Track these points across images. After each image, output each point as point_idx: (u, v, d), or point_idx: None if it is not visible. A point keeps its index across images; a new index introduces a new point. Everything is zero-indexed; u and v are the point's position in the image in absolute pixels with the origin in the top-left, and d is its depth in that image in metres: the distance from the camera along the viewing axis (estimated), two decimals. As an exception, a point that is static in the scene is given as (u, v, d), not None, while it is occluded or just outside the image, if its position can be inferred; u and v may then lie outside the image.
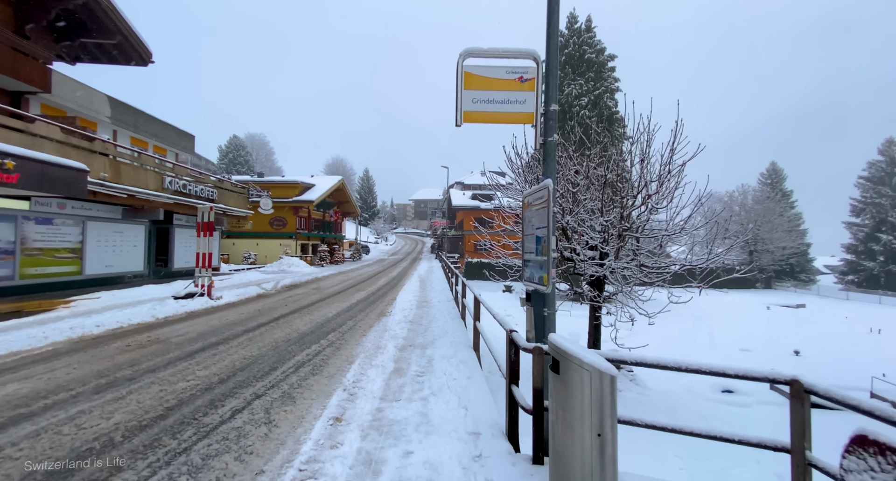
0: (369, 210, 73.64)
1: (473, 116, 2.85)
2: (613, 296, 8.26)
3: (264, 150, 74.94)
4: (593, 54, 25.52)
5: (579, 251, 7.90)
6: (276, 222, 27.60)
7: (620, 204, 7.10)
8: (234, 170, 55.87)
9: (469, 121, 2.84)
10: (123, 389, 4.26)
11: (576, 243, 7.76)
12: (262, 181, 28.38)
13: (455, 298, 10.16)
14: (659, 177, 6.83)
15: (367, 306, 9.89)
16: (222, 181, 17.70)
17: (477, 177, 59.67)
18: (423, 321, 7.74)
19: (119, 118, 14.13)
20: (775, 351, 13.15)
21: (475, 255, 35.35)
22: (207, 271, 10.88)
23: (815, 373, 10.20)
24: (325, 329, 7.15)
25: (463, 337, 6.37)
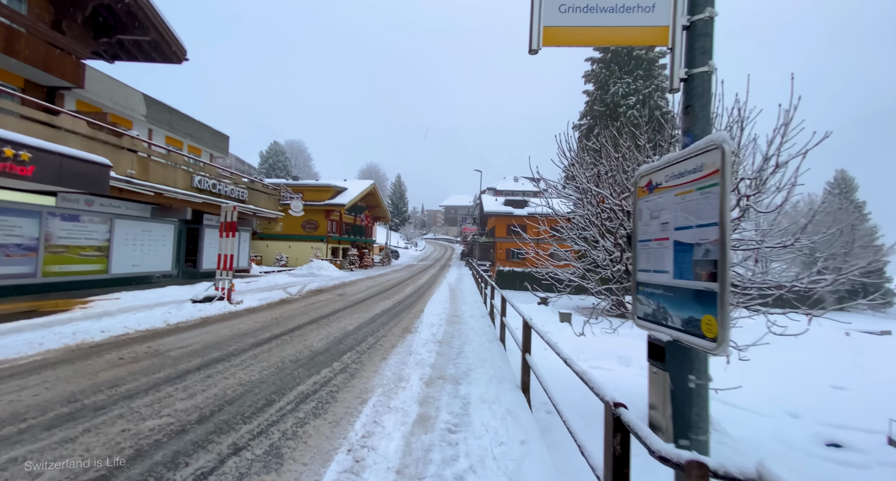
0: (400, 215, 73.70)
1: (560, 35, 1.70)
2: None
3: (302, 156, 77.10)
4: (642, 51, 23.68)
5: (602, 263, 6.49)
6: (308, 225, 27.47)
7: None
8: (273, 174, 57.51)
9: (553, 44, 1.72)
10: (81, 426, 3.38)
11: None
12: (295, 184, 28.40)
13: (490, 313, 8.94)
14: (759, 172, 5.35)
15: (391, 318, 8.85)
16: (254, 182, 17.47)
17: (510, 183, 58.19)
18: (455, 343, 6.57)
19: (154, 117, 14.09)
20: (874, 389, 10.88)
21: (507, 264, 33.82)
22: (229, 274, 10.28)
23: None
24: (342, 347, 6.15)
25: (505, 368, 5.13)
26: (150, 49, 13.03)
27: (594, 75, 25.57)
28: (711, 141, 1.33)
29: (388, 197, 75.16)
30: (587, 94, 26.11)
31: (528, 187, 54.56)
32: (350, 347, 6.13)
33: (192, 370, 4.94)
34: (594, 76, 25.57)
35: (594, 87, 25.51)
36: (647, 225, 1.73)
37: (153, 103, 14.00)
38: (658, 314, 1.62)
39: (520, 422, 3.26)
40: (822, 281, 5.05)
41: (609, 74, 24.26)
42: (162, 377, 4.68)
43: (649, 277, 1.70)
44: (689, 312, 1.42)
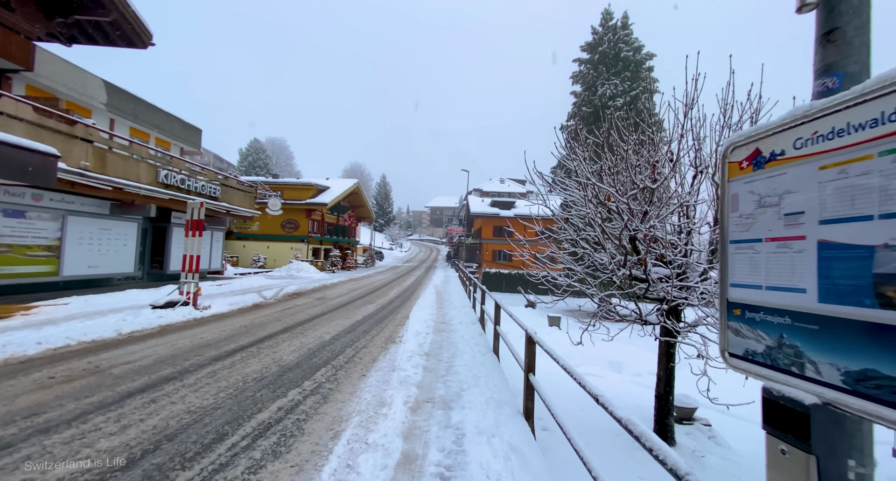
0: (385, 216, 72.63)
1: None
2: (692, 327, 6.28)
3: (284, 155, 75.22)
4: (630, 52, 23.64)
5: (649, 268, 6.02)
6: (287, 225, 26.38)
7: (717, 200, 5.18)
8: (253, 173, 55.70)
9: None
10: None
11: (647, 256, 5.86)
12: (274, 182, 27.30)
13: (480, 319, 8.34)
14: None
15: (373, 326, 8.15)
16: (228, 179, 16.45)
17: (496, 185, 57.93)
18: (444, 355, 5.93)
19: (116, 106, 13.00)
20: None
21: (494, 265, 33.40)
22: (195, 276, 9.39)
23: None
24: (316, 361, 5.44)
25: (502, 387, 4.51)
26: (111, 31, 11.96)
27: (582, 76, 25.41)
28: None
29: (373, 197, 74.00)
30: (575, 95, 25.94)
31: (514, 189, 54.39)
32: (325, 361, 5.42)
33: (134, 392, 4.18)
34: (582, 77, 25.41)
35: (582, 88, 25.34)
36: (751, 216, 1.15)
37: (115, 91, 12.91)
38: (781, 356, 1.04)
39: (527, 464, 2.66)
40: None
41: (597, 75, 24.12)
42: (94, 402, 3.91)
43: (759, 297, 1.11)
44: (862, 360, 0.84)
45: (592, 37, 25.19)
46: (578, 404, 7.07)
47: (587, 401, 5.43)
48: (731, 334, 1.22)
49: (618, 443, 6.00)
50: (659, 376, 6.60)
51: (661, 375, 6.54)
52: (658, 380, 6.62)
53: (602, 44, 24.46)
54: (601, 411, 2.05)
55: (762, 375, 1.11)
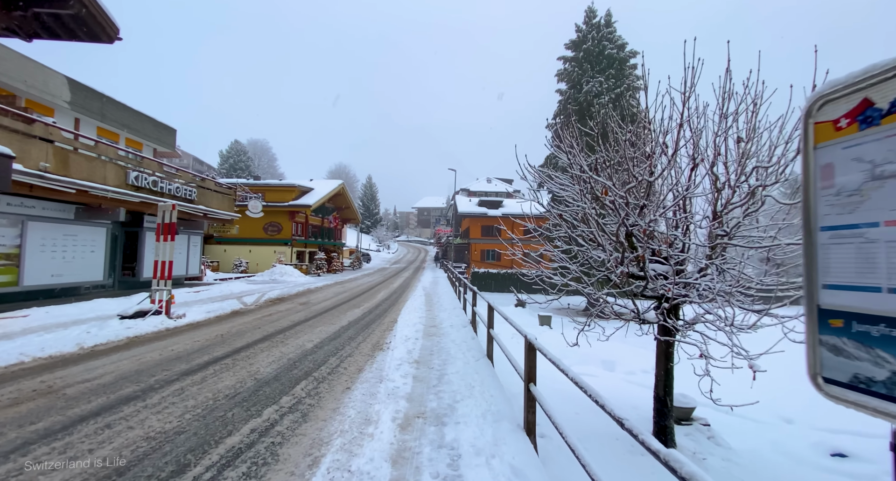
0: (371, 217, 71.83)
1: None
2: (690, 325, 6.06)
3: (266, 156, 73.69)
4: (614, 50, 23.69)
5: (643, 265, 5.80)
6: (270, 228, 25.63)
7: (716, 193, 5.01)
8: (234, 175, 54.27)
9: None
10: None
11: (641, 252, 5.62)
12: (255, 184, 26.51)
13: (472, 322, 8.01)
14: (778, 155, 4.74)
15: (359, 331, 7.75)
16: (205, 180, 15.77)
17: (483, 184, 57.84)
18: (435, 362, 5.57)
19: (81, 104, 12.25)
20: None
21: (482, 265, 33.18)
22: (167, 283, 8.82)
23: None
24: (296, 373, 5.03)
25: (499, 397, 4.18)
26: (74, 25, 11.21)
27: (567, 74, 25.38)
28: None
29: (359, 198, 73.14)
30: (560, 93, 25.89)
31: (501, 188, 54.35)
32: (306, 373, 5.01)
33: (88, 416, 3.71)
34: (567, 75, 25.37)
35: (567, 85, 25.31)
36: (858, 193, 0.83)
37: (80, 88, 12.17)
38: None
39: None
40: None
41: (582, 73, 24.10)
42: (40, 429, 3.44)
43: (876, 303, 0.80)
44: None
45: (577, 34, 25.19)
46: (575, 407, 6.81)
47: (583, 403, 5.18)
48: (827, 353, 0.91)
49: (617, 448, 5.75)
50: (658, 377, 6.37)
51: (660, 376, 6.32)
52: (657, 381, 6.39)
53: (586, 41, 24.47)
54: (599, 414, 1.74)
55: (883, 412, 0.79)
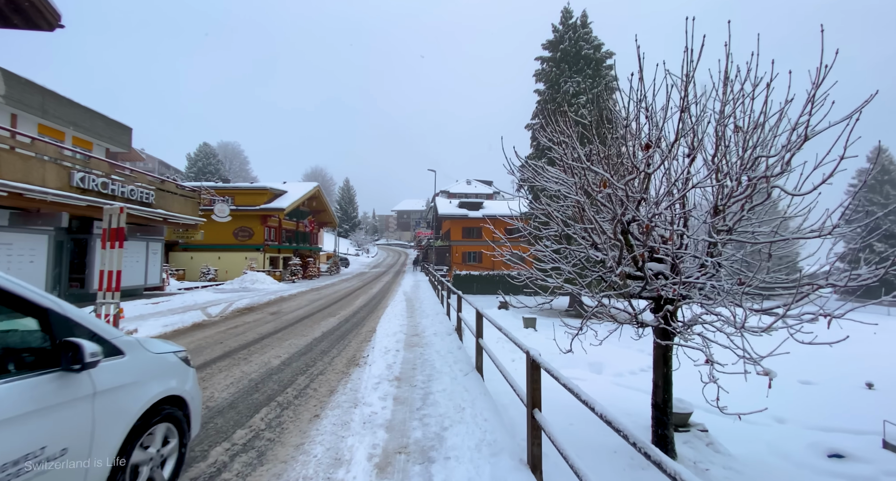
0: (350, 221, 70.31)
1: None
2: (689, 326, 5.69)
3: (238, 159, 71.10)
4: (590, 50, 23.79)
5: (641, 264, 5.41)
6: (240, 233, 24.33)
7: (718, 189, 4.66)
8: (203, 178, 51.83)
9: None
10: None
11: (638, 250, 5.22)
12: (223, 186, 25.20)
13: (457, 329, 7.45)
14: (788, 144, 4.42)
15: (334, 344, 7.05)
16: (165, 182, 14.61)
17: (462, 186, 57.54)
18: (418, 378, 4.96)
19: (19, 99, 11.01)
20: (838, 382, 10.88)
21: (464, 267, 32.73)
22: (115, 295, 7.85)
23: None
24: (257, 397, 4.32)
25: (494, 421, 3.61)
26: (9, 11, 10.08)
27: (545, 74, 25.33)
28: None
29: (336, 202, 71.51)
30: (538, 93, 25.82)
31: (481, 190, 54.15)
32: (269, 397, 4.32)
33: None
34: (545, 75, 25.33)
35: (545, 86, 25.25)
36: None
37: (16, 81, 10.93)
38: None
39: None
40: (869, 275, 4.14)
41: (559, 73, 24.09)
42: None
43: None
44: None
45: (554, 35, 25.19)
46: (566, 416, 6.34)
47: (575, 412, 4.73)
48: None
49: (617, 462, 5.32)
50: (655, 383, 5.98)
51: (659, 382, 5.92)
52: (655, 388, 6.00)
53: (563, 42, 24.48)
54: (592, 423, 1.24)
55: None
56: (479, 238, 33.55)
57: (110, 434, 1.93)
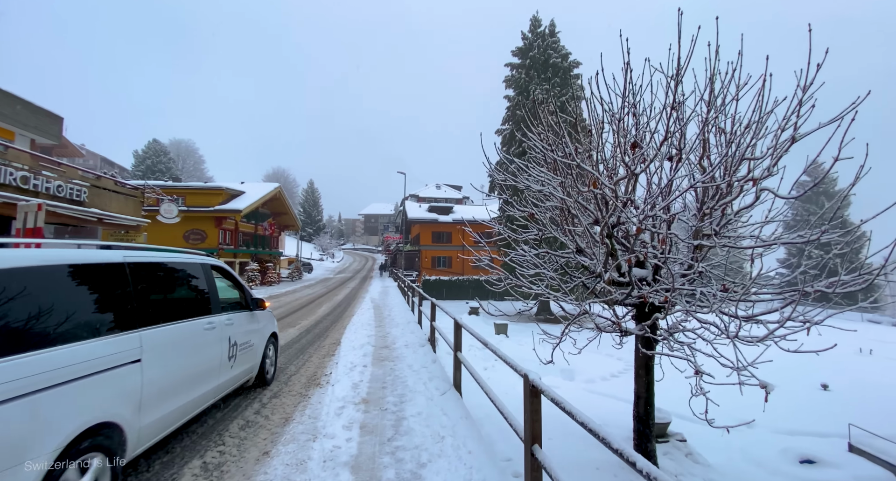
0: (314, 224, 67.84)
1: None
2: (671, 334, 5.49)
3: (192, 158, 66.92)
4: (558, 59, 24.23)
5: (624, 270, 5.17)
6: (192, 235, 22.52)
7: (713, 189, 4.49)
8: (151, 177, 48.04)
9: None
10: None
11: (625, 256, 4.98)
12: (173, 185, 23.32)
13: (430, 340, 6.91)
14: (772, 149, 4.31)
15: (291, 359, 6.30)
16: (101, 178, 13.07)
17: (432, 190, 57.11)
18: (389, 399, 4.38)
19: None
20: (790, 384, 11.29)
21: (433, 272, 32.19)
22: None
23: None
24: (196, 433, 3.58)
25: (479, 451, 3.11)
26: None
27: (514, 80, 25.53)
28: None
29: (300, 204, 68.86)
30: (508, 99, 25.96)
31: (451, 194, 53.96)
32: (211, 429, 3.59)
33: None
34: (514, 81, 25.52)
35: (515, 92, 25.43)
36: None
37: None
38: None
39: None
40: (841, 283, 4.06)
41: (529, 80, 24.34)
42: None
43: None
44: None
45: (523, 42, 25.47)
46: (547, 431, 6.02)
47: (554, 424, 4.39)
48: None
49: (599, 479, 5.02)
50: (638, 393, 5.74)
51: (641, 392, 5.69)
52: (637, 399, 5.76)
53: (532, 49, 24.79)
54: (571, 436, 0.84)
55: None
56: (449, 242, 33.17)
57: (263, 338, 4.70)
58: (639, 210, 4.51)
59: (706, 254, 5.07)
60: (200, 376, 3.25)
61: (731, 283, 5.04)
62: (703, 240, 4.62)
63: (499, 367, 12.98)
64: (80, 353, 2.14)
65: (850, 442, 7.13)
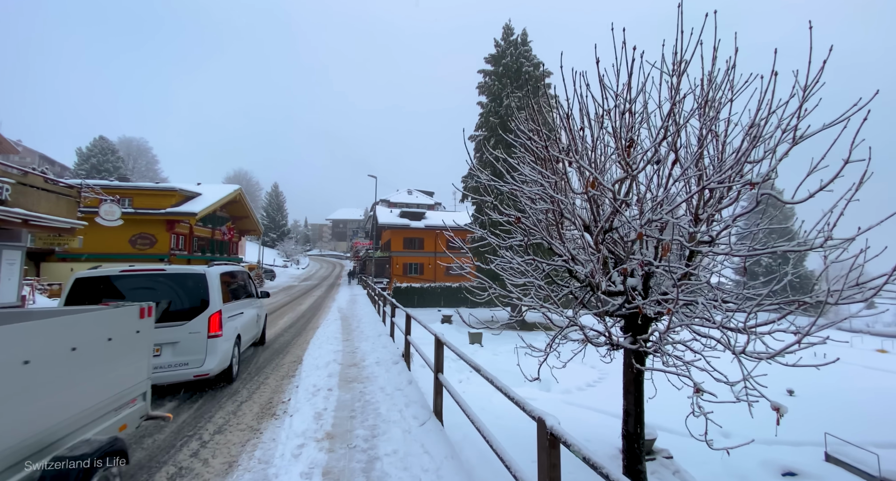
0: (278, 229, 65.00)
1: None
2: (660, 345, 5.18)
3: (145, 158, 62.64)
4: (531, 68, 24.48)
5: (615, 278, 4.84)
6: (140, 240, 20.62)
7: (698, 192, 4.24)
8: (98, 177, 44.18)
9: None
10: None
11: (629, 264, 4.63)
12: (119, 185, 21.39)
13: (405, 355, 6.26)
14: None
15: (244, 382, 5.48)
16: (27, 175, 11.51)
17: (403, 196, 56.29)
18: (359, 433, 3.71)
19: None
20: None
21: (404, 279, 31.35)
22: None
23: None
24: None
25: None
26: None
27: (487, 87, 25.54)
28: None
29: (263, 208, 65.87)
30: (481, 105, 25.92)
31: (422, 200, 53.34)
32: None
33: None
34: (487, 88, 25.53)
35: (488, 99, 25.43)
36: None
37: None
38: None
39: None
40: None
41: (502, 87, 24.40)
42: None
43: None
44: None
45: (496, 49, 25.57)
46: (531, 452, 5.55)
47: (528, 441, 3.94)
48: None
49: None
50: (627, 411, 5.39)
51: (630, 410, 5.34)
52: (626, 416, 5.40)
53: (505, 57, 24.91)
54: None
55: None
56: (421, 249, 32.51)
57: (261, 317, 7.83)
58: (639, 214, 4.15)
59: (700, 262, 4.82)
60: (251, 322, 6.81)
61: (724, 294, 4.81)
62: (699, 248, 4.35)
63: (474, 379, 12.43)
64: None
65: (827, 452, 7.16)
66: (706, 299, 4.35)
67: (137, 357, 3.00)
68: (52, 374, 2.17)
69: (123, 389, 2.81)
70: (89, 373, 2.49)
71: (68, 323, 2.35)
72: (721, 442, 8.18)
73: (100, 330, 2.61)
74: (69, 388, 2.31)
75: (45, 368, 2.13)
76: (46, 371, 2.14)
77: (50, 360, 2.17)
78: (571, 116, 4.31)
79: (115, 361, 2.75)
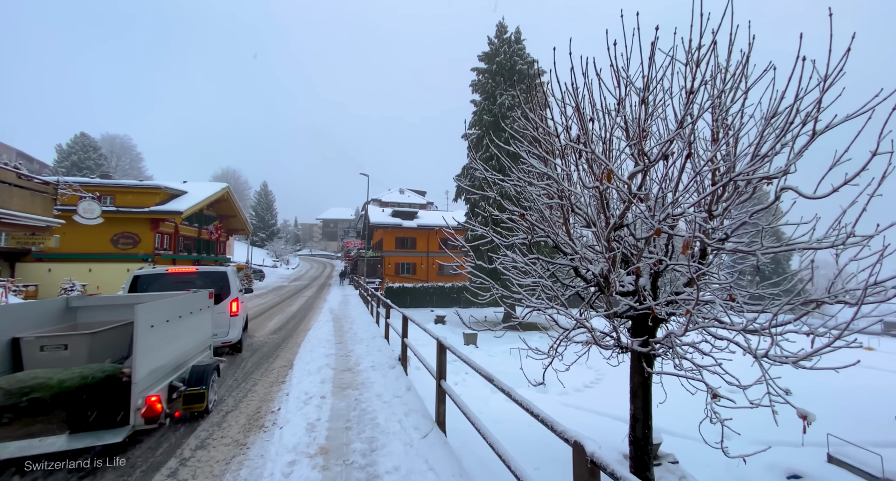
0: (267, 229, 63.97)
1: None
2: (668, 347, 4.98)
3: (129, 156, 60.96)
4: (524, 66, 24.32)
5: (624, 278, 4.63)
6: (122, 239, 19.91)
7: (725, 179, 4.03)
8: (78, 175, 42.83)
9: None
10: None
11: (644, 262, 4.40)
12: (99, 182, 20.61)
13: (402, 359, 5.96)
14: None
15: (230, 390, 5.12)
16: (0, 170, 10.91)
17: (395, 195, 55.84)
18: (356, 448, 3.40)
19: None
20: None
21: (397, 279, 30.98)
22: None
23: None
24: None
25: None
26: None
27: (481, 86, 25.31)
28: None
29: (252, 208, 64.75)
30: (475, 103, 25.68)
31: (415, 199, 52.95)
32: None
33: None
34: (481, 86, 25.31)
35: (481, 97, 25.21)
36: None
37: None
38: None
39: None
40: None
41: (495, 85, 24.21)
42: None
43: None
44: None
45: (489, 47, 25.37)
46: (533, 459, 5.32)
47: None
48: None
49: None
50: (634, 416, 5.17)
51: (638, 414, 5.13)
52: (633, 421, 5.19)
53: (498, 55, 24.72)
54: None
55: None
56: (414, 248, 32.16)
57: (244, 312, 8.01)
58: (648, 210, 3.93)
59: (713, 260, 4.64)
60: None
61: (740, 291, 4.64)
62: (716, 244, 4.14)
63: (470, 381, 12.16)
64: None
65: (829, 453, 7.07)
66: (722, 300, 4.16)
67: (208, 322, 5.14)
68: (182, 326, 4.17)
69: (205, 339, 4.97)
70: (193, 328, 4.48)
71: (179, 300, 4.17)
72: (728, 445, 8.02)
73: (194, 304, 4.56)
74: (188, 335, 4.34)
75: (179, 323, 4.08)
76: (180, 324, 4.11)
77: (178, 320, 4.05)
78: (582, 106, 4.07)
79: (201, 323, 4.78)
